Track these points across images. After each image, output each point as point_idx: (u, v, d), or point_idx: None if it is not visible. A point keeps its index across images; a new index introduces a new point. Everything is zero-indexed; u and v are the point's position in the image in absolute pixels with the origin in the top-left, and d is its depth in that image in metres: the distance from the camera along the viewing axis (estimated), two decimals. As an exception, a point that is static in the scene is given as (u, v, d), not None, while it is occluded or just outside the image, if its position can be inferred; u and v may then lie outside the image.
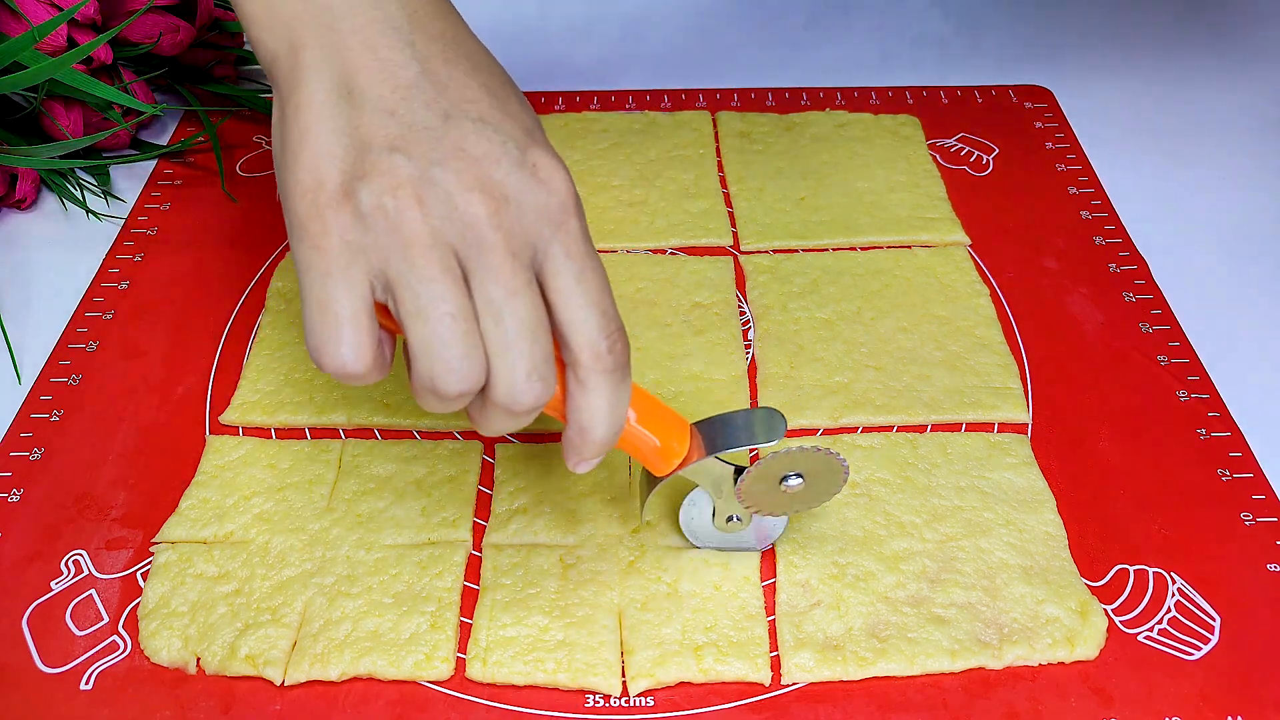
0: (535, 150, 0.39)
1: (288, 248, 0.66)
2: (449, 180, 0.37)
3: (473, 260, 0.37)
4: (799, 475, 0.45)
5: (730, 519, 0.48)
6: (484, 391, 0.39)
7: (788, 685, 0.46)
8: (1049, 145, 0.74)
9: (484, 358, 0.38)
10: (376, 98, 0.38)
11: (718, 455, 0.45)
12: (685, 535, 0.50)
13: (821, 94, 0.78)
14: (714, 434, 0.45)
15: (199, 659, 0.46)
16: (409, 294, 0.37)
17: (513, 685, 0.46)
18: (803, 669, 0.46)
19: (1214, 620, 0.47)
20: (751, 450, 0.52)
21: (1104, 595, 0.48)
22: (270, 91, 0.78)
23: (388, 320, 0.39)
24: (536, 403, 0.38)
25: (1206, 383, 0.57)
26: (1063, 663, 0.46)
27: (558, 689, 0.46)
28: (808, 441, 0.54)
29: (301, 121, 0.38)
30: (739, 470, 0.45)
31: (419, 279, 0.36)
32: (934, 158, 0.73)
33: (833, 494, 0.47)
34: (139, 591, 0.49)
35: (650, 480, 0.47)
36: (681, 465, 0.45)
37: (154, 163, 0.73)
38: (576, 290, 0.39)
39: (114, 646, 0.47)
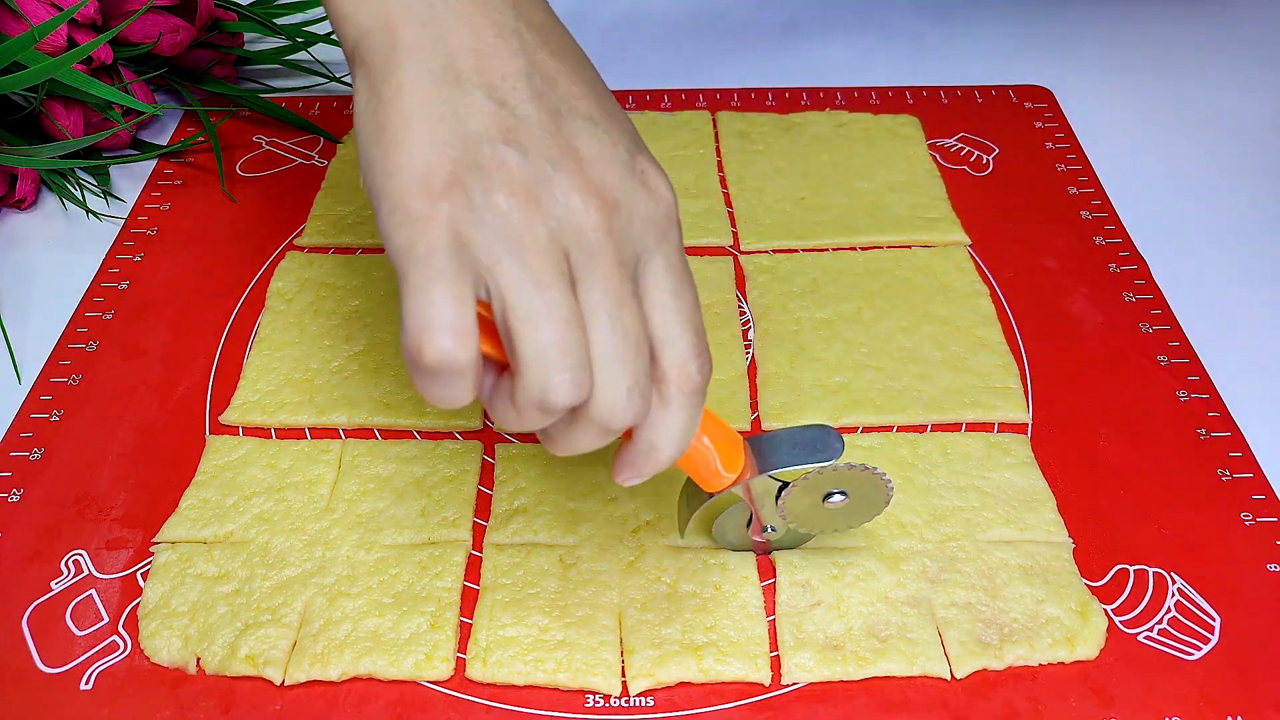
0: (642, 157, 0.38)
1: (288, 247, 0.66)
2: (564, 182, 0.36)
3: (582, 267, 0.35)
4: (843, 493, 0.45)
5: (766, 529, 0.48)
6: (577, 408, 0.37)
7: (788, 685, 0.46)
8: (1049, 145, 0.74)
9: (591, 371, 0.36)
10: (485, 85, 0.36)
11: (770, 474, 0.44)
12: (713, 536, 0.49)
13: (821, 94, 0.78)
14: (767, 451, 0.44)
15: (199, 659, 0.46)
16: (522, 298, 0.34)
17: (512, 685, 0.46)
18: (803, 669, 0.46)
19: (1214, 620, 0.47)
20: None
21: (1104, 595, 0.48)
22: (269, 91, 0.78)
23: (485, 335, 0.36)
24: (633, 421, 0.37)
25: (1206, 383, 0.57)
26: (1063, 663, 0.46)
27: (557, 689, 0.46)
28: (855, 459, 0.53)
29: (404, 104, 0.36)
30: (783, 485, 0.45)
31: (534, 283, 0.34)
32: (934, 158, 0.73)
33: (874, 515, 0.46)
34: (139, 591, 0.49)
35: (693, 496, 0.46)
36: (734, 483, 0.44)
37: (154, 163, 0.73)
38: (673, 305, 0.37)
39: (114, 646, 0.47)
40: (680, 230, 0.39)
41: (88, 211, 0.69)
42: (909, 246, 0.66)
